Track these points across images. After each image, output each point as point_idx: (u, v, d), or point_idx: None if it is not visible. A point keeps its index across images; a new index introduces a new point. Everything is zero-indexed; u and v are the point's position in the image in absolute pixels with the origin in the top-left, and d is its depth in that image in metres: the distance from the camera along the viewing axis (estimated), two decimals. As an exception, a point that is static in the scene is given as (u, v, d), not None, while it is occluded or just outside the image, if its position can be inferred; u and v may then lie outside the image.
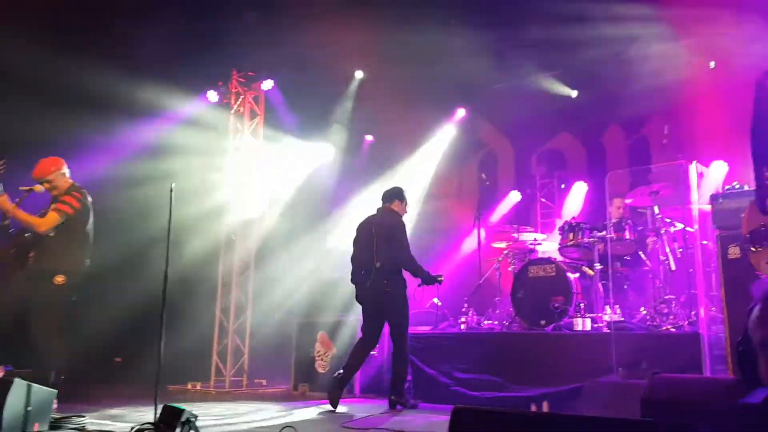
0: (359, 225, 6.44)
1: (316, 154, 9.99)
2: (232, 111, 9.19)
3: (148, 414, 4.65)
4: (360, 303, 6.28)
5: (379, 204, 6.47)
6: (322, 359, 7.41)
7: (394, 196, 6.41)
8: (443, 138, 10.14)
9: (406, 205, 6.48)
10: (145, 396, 5.09)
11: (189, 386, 8.29)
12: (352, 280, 6.28)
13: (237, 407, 6.24)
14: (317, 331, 7.56)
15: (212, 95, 9.03)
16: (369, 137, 10.59)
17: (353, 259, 6.32)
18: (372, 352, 6.45)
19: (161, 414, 3.98)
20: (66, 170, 5.58)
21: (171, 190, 4.58)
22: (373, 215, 6.42)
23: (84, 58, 7.26)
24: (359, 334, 6.35)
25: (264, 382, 8.62)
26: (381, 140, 10.46)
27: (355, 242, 6.37)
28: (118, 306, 7.68)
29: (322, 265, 7.97)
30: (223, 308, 8.80)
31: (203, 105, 9.08)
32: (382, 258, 6.05)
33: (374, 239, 6.15)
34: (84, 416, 4.89)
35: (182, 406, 3.92)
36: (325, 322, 7.55)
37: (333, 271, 7.77)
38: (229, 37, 8.32)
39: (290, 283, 8.85)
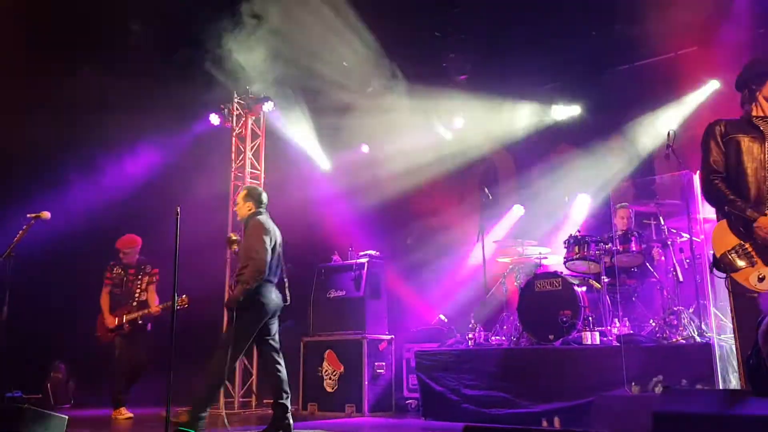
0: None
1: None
2: (234, 133, 9.25)
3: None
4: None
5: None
6: (330, 378, 7.38)
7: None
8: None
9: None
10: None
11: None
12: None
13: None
14: (325, 349, 7.53)
15: (214, 118, 9.09)
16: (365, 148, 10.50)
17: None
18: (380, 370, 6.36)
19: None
20: None
21: (177, 215, 4.59)
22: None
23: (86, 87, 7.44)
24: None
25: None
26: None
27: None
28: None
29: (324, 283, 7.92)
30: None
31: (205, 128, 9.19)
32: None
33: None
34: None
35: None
36: (333, 341, 7.53)
37: (336, 290, 7.76)
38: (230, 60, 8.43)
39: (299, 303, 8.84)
